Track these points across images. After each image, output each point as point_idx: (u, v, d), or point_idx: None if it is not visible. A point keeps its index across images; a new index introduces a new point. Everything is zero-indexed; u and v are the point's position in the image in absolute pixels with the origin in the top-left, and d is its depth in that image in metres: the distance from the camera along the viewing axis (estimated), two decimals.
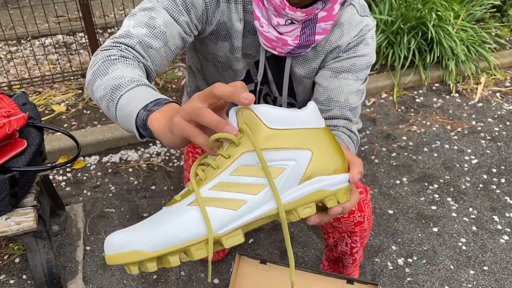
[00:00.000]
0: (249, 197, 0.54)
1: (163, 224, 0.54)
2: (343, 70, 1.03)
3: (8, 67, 2.83)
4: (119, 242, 0.53)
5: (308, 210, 0.57)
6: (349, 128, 1.03)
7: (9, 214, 1.33)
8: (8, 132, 1.28)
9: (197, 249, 0.54)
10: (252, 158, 0.55)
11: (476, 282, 1.64)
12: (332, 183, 0.58)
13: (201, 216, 0.54)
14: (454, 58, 2.75)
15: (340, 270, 1.46)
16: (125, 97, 0.73)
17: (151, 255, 0.52)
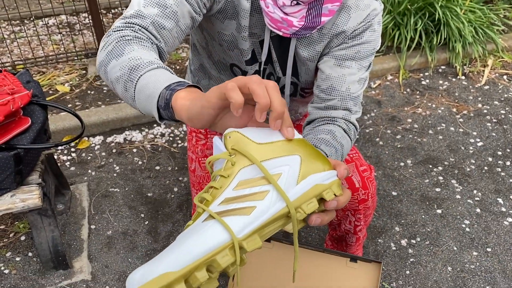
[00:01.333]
0: (257, 203, 0.59)
1: (183, 244, 0.55)
2: (347, 58, 1.02)
3: (11, 47, 2.82)
4: (142, 274, 0.53)
5: (312, 205, 0.62)
6: (347, 119, 1.03)
7: (14, 192, 1.34)
8: (12, 109, 1.28)
9: (222, 256, 0.55)
10: (249, 172, 0.61)
11: (479, 263, 1.65)
12: (324, 178, 0.65)
13: (219, 226, 0.57)
14: (462, 40, 2.72)
15: (344, 249, 1.46)
16: (145, 77, 0.72)
17: (178, 273, 0.53)
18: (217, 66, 1.16)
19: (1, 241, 1.69)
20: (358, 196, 1.20)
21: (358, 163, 1.23)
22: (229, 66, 1.14)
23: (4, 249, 1.66)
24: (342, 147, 0.97)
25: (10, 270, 1.59)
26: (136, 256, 1.65)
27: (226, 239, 0.56)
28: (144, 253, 1.66)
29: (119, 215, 1.81)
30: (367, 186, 1.20)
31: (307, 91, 1.20)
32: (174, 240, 1.74)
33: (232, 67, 1.13)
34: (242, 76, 0.60)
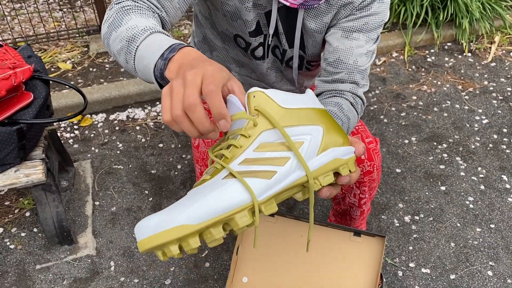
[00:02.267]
0: (277, 168, 0.58)
1: (202, 198, 0.54)
2: (355, 29, 1.00)
3: (12, 24, 2.79)
4: (158, 222, 0.52)
5: (328, 178, 0.62)
6: (355, 92, 1.02)
7: (18, 167, 1.34)
8: (14, 84, 1.27)
9: (241, 216, 0.54)
10: (271, 135, 0.59)
11: (482, 239, 1.65)
12: (343, 153, 0.64)
13: (240, 186, 0.56)
14: (469, 16, 2.67)
15: (348, 223, 1.47)
16: (141, 48, 0.72)
17: (196, 227, 0.51)
18: (221, 37, 1.15)
19: (7, 217, 1.71)
20: (364, 167, 1.19)
21: (364, 135, 1.22)
22: (233, 37, 1.12)
23: (10, 225, 1.68)
24: (348, 120, 0.96)
25: (16, 245, 1.61)
26: None
27: (246, 200, 0.55)
28: None
29: (123, 191, 1.81)
30: (372, 158, 1.19)
31: (313, 64, 1.18)
32: None
33: (236, 38, 1.11)
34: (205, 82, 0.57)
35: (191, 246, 0.52)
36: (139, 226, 0.53)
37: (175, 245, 0.52)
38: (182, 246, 0.53)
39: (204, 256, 1.59)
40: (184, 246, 0.53)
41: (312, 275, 1.20)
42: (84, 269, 1.54)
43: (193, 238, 0.52)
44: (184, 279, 1.52)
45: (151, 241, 0.51)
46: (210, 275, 1.53)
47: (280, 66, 1.18)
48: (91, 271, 1.54)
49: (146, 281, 1.51)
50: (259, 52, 1.12)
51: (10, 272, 1.53)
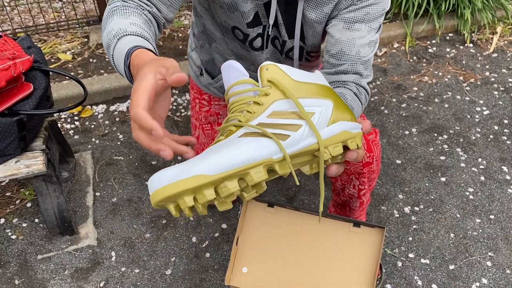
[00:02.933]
0: (290, 133, 0.61)
1: (219, 152, 0.55)
2: (356, 20, 0.99)
3: (12, 15, 2.78)
4: (175, 172, 0.52)
5: (337, 148, 0.64)
6: (358, 83, 1.01)
7: (18, 158, 1.35)
8: (13, 74, 1.27)
9: (256, 171, 0.56)
10: (283, 105, 0.62)
11: (481, 230, 1.66)
12: (352, 127, 0.67)
13: (256, 143, 0.58)
14: (471, 6, 2.65)
15: (347, 214, 1.47)
16: (115, 55, 0.75)
17: (212, 178, 0.52)
18: (221, 28, 1.14)
19: (8, 208, 1.71)
20: (363, 159, 1.19)
21: None
22: (231, 29, 1.11)
23: (11, 216, 1.68)
24: (352, 109, 0.95)
25: (17, 236, 1.62)
26: (141, 222, 1.67)
27: (262, 155, 0.57)
28: (149, 220, 1.68)
29: (124, 182, 1.82)
30: (372, 149, 1.19)
31: (313, 55, 1.17)
32: None
33: (234, 29, 1.11)
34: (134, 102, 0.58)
35: (206, 198, 0.53)
36: (154, 177, 0.53)
37: (189, 195, 0.53)
38: (197, 198, 0.54)
39: (205, 247, 1.60)
40: (199, 198, 0.53)
41: (312, 266, 1.21)
42: (85, 259, 1.55)
43: (209, 189, 0.53)
44: (184, 269, 1.53)
45: (166, 190, 0.52)
46: (210, 265, 1.54)
47: (280, 57, 1.18)
48: (92, 261, 1.55)
49: (147, 271, 1.52)
50: (257, 43, 1.12)
51: (12, 262, 1.54)
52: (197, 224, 1.67)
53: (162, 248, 1.59)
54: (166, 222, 1.67)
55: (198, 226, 1.66)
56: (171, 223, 1.67)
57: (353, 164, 1.21)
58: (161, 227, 1.66)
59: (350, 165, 1.22)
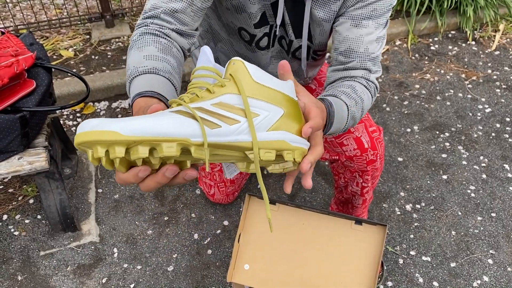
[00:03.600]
0: (223, 124, 0.62)
1: (143, 118, 0.58)
2: (364, 17, 0.99)
3: (14, 11, 2.78)
4: (96, 123, 0.55)
5: (268, 155, 0.65)
6: (367, 78, 1.01)
7: (21, 154, 1.35)
8: (16, 71, 1.27)
9: (168, 146, 0.58)
10: (233, 99, 0.64)
11: (483, 228, 1.66)
12: (293, 140, 0.68)
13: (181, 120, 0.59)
14: (473, 3, 2.64)
15: (349, 212, 1.47)
16: (130, 97, 0.79)
17: (125, 138, 0.55)
18: (227, 29, 1.14)
19: (10, 204, 1.72)
20: (367, 156, 1.19)
21: (368, 124, 1.22)
22: (237, 30, 1.11)
23: (14, 212, 1.69)
24: (362, 101, 0.96)
25: (20, 232, 1.62)
26: (143, 219, 1.68)
27: (180, 134, 0.58)
28: (151, 216, 1.68)
29: None
30: (376, 146, 1.19)
31: (319, 54, 1.18)
32: (180, 204, 1.76)
33: (240, 31, 1.11)
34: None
35: (116, 154, 0.56)
36: (82, 123, 0.57)
37: (103, 147, 0.56)
38: (109, 152, 0.57)
39: (207, 244, 1.60)
40: (111, 152, 0.56)
41: (314, 263, 1.21)
42: (88, 256, 1.56)
43: (120, 147, 0.56)
44: (186, 265, 1.54)
45: (84, 135, 0.55)
46: (212, 262, 1.55)
47: (287, 57, 1.18)
48: (94, 258, 1.55)
49: (149, 267, 1.53)
50: (263, 42, 1.12)
51: (15, 259, 1.55)
52: (199, 221, 1.67)
53: (164, 244, 1.60)
54: (168, 219, 1.68)
55: (200, 223, 1.67)
56: (173, 220, 1.68)
57: (357, 161, 1.21)
58: (163, 224, 1.66)
59: (354, 163, 1.22)
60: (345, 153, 1.23)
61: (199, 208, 1.72)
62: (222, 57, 1.25)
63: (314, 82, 1.40)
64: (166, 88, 0.77)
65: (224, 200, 1.68)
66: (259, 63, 1.19)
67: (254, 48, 1.14)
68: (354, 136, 1.20)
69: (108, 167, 0.59)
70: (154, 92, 0.73)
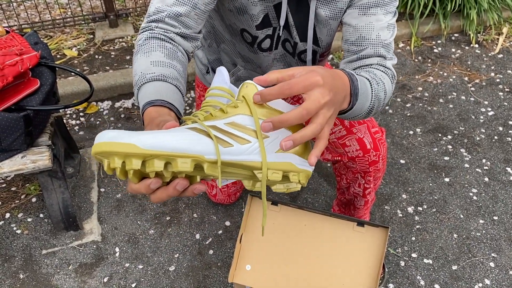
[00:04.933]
0: (235, 143, 0.64)
1: (160, 133, 0.60)
2: (371, 5, 0.97)
3: (18, 10, 2.79)
4: (115, 135, 0.58)
5: (275, 175, 0.68)
6: (383, 64, 0.96)
7: (24, 153, 1.36)
8: (21, 70, 1.27)
9: (182, 161, 0.60)
10: (245, 120, 0.66)
11: (485, 231, 1.66)
12: (299, 163, 0.70)
13: (197, 137, 0.62)
14: (477, 6, 2.64)
15: (351, 214, 1.47)
16: (139, 103, 0.80)
17: (143, 151, 0.57)
18: (229, 30, 1.14)
19: (13, 203, 1.73)
20: (369, 157, 1.19)
21: (370, 125, 1.22)
22: (240, 31, 1.11)
23: (16, 210, 1.70)
24: (383, 83, 0.90)
25: (22, 231, 1.63)
26: (145, 218, 1.68)
27: (195, 150, 0.61)
28: (153, 216, 1.69)
29: None
30: (378, 148, 1.19)
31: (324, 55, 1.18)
32: (182, 204, 1.76)
33: (242, 32, 1.11)
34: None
35: (132, 166, 0.58)
36: (101, 133, 0.59)
37: (120, 158, 0.58)
38: (125, 163, 0.59)
39: (208, 244, 1.61)
40: (127, 164, 0.58)
41: (315, 264, 1.22)
42: (89, 255, 1.56)
43: (137, 159, 0.58)
44: (188, 265, 1.54)
45: (103, 146, 0.57)
46: (214, 263, 1.55)
47: (292, 60, 1.18)
48: (96, 257, 1.56)
49: (150, 267, 1.53)
50: (266, 44, 1.12)
51: (17, 257, 1.55)
52: (201, 221, 1.67)
53: (165, 244, 1.60)
54: (170, 219, 1.68)
55: (202, 223, 1.67)
56: (175, 219, 1.68)
57: (359, 162, 1.21)
58: (165, 224, 1.66)
59: (356, 164, 1.22)
60: (347, 154, 1.23)
61: (201, 208, 1.72)
62: (224, 57, 1.25)
63: None
64: (174, 96, 0.78)
65: (226, 200, 1.68)
66: (261, 64, 1.19)
67: (256, 49, 1.14)
68: (357, 137, 1.20)
69: (121, 177, 0.61)
70: (164, 101, 0.74)
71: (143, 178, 0.63)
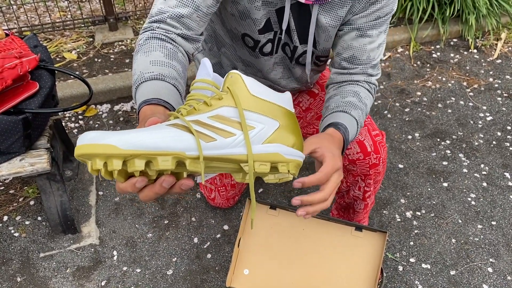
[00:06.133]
0: (219, 137, 0.63)
1: (140, 131, 0.59)
2: (368, 27, 1.04)
3: (18, 13, 2.80)
4: (95, 136, 0.57)
5: (263, 167, 0.67)
6: (368, 81, 1.10)
7: (23, 156, 1.35)
8: (20, 73, 1.27)
9: (163, 159, 0.59)
10: (229, 112, 0.65)
11: (483, 236, 1.66)
12: (288, 152, 0.69)
13: (177, 134, 0.61)
14: (475, 12, 2.65)
15: (350, 217, 1.47)
16: (136, 102, 0.81)
17: (122, 152, 0.57)
18: (230, 35, 1.15)
19: (11, 205, 1.72)
20: (370, 160, 1.20)
21: (371, 128, 1.22)
22: (241, 36, 1.12)
23: (14, 213, 1.69)
24: (366, 106, 1.06)
25: (20, 233, 1.63)
26: (143, 222, 1.68)
27: (175, 147, 0.60)
28: (151, 219, 1.68)
29: None
30: (379, 150, 1.19)
31: (322, 59, 1.19)
32: (180, 208, 1.76)
33: (244, 37, 1.11)
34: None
35: (113, 167, 0.58)
36: (82, 135, 0.59)
37: (101, 160, 0.58)
38: (107, 164, 0.58)
39: (206, 248, 1.60)
40: (109, 165, 0.58)
41: (313, 269, 1.21)
42: (87, 258, 1.56)
43: (117, 160, 0.58)
44: (186, 269, 1.54)
45: (84, 148, 0.57)
46: (211, 267, 1.55)
47: (289, 63, 1.19)
48: (94, 260, 1.55)
49: (148, 271, 1.53)
50: (267, 48, 1.13)
51: (14, 260, 1.55)
52: (199, 225, 1.67)
53: (163, 248, 1.60)
54: (168, 222, 1.68)
55: (200, 227, 1.67)
56: (173, 223, 1.68)
57: (359, 165, 1.21)
58: (163, 227, 1.66)
59: (357, 167, 1.23)
60: (347, 156, 1.23)
61: (199, 212, 1.72)
62: (225, 61, 1.26)
63: (317, 86, 1.40)
64: (171, 94, 0.77)
65: (225, 204, 1.68)
66: (262, 69, 1.20)
67: (257, 54, 1.14)
68: (357, 139, 1.20)
69: (107, 177, 0.61)
70: (160, 100, 0.74)
71: (130, 176, 0.63)
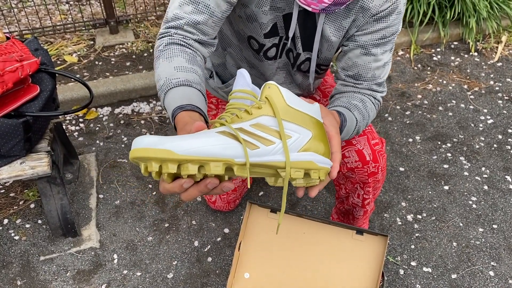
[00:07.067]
0: (261, 145, 0.69)
1: (194, 138, 0.64)
2: (373, 45, 1.04)
3: (19, 16, 2.80)
4: (152, 141, 0.62)
5: (298, 173, 0.72)
6: (374, 96, 1.11)
7: (23, 159, 1.35)
8: (20, 76, 1.27)
9: (215, 165, 0.64)
10: (269, 121, 0.71)
11: (484, 240, 1.65)
12: (320, 160, 0.75)
13: (227, 142, 0.66)
14: (476, 15, 2.65)
15: (350, 223, 1.47)
16: (166, 107, 0.84)
17: (178, 157, 0.62)
18: (237, 35, 1.15)
19: (11, 208, 1.72)
20: (368, 169, 1.19)
21: (370, 137, 1.22)
22: (247, 38, 1.12)
23: (14, 216, 1.69)
24: (368, 116, 1.06)
25: (20, 237, 1.62)
26: (143, 225, 1.67)
27: (226, 155, 0.65)
28: (151, 223, 1.68)
29: (127, 185, 1.82)
30: (377, 159, 1.19)
31: (323, 68, 1.19)
32: (181, 211, 1.76)
33: (250, 39, 1.12)
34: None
35: (168, 170, 0.62)
36: (137, 139, 0.63)
37: (157, 163, 0.62)
38: (162, 167, 0.63)
39: (207, 251, 1.60)
40: (163, 168, 0.63)
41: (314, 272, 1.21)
42: (87, 261, 1.56)
43: (173, 164, 0.63)
44: (186, 273, 1.53)
45: (140, 151, 0.61)
46: (212, 270, 1.54)
47: (291, 69, 1.19)
48: (94, 264, 1.55)
49: (148, 274, 1.53)
50: (271, 53, 1.13)
51: (14, 263, 1.54)
52: (200, 228, 1.67)
53: (164, 251, 1.59)
54: (168, 226, 1.68)
55: (201, 230, 1.66)
56: (174, 226, 1.67)
57: (358, 173, 1.21)
58: (164, 231, 1.66)
59: (355, 174, 1.22)
60: (346, 164, 1.23)
61: (200, 215, 1.71)
62: (230, 61, 1.26)
63: (318, 92, 1.40)
64: (200, 100, 0.82)
65: (225, 207, 1.68)
66: (265, 72, 1.20)
67: (261, 57, 1.15)
68: (356, 148, 1.20)
69: (156, 178, 0.66)
70: (194, 106, 0.78)
71: (175, 178, 0.67)
